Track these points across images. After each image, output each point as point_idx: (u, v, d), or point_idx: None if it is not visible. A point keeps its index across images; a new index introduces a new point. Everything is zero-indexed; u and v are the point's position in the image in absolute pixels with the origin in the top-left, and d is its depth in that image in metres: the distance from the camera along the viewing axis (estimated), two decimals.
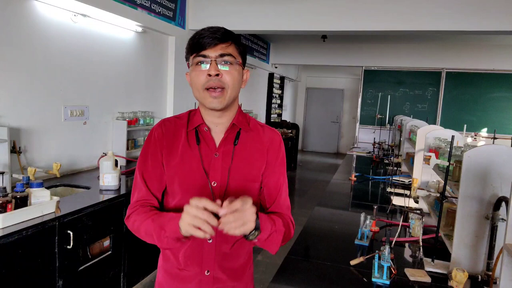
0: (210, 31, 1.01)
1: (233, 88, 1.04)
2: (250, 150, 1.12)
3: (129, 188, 2.75)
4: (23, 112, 2.60)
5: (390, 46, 7.34)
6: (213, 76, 1.00)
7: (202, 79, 1.01)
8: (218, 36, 1.00)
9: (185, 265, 1.10)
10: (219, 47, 1.01)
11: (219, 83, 1.01)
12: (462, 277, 1.36)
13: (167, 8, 3.96)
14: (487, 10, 3.60)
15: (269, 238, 1.03)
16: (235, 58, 1.03)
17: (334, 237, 2.05)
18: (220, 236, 1.07)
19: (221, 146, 1.09)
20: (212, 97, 1.02)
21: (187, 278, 1.11)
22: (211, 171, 1.07)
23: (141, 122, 3.74)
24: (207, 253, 1.09)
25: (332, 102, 11.25)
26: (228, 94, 1.03)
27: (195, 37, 1.02)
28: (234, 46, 1.04)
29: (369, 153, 5.41)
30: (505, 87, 7.06)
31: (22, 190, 1.89)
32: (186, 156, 1.08)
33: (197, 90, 1.04)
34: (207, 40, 1.00)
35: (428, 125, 3.07)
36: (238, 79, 1.05)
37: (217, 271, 1.11)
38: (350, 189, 3.25)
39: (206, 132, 1.10)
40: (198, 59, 1.02)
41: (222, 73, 1.01)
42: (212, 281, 1.11)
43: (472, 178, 1.50)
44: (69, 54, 2.94)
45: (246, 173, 1.09)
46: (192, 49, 1.03)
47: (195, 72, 1.03)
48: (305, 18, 4.15)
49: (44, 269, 1.93)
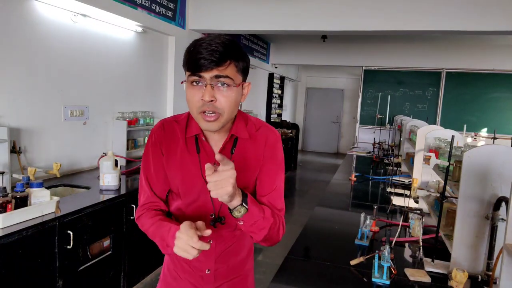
0: (208, 50, 0.94)
1: (229, 112, 1.00)
2: (247, 157, 1.11)
3: (129, 188, 2.76)
4: (23, 112, 2.60)
5: (390, 46, 7.34)
6: (208, 101, 0.95)
7: (196, 101, 0.97)
8: (214, 58, 0.94)
9: (187, 261, 1.13)
10: (216, 70, 0.95)
11: (214, 108, 0.97)
12: (462, 277, 1.36)
13: (167, 8, 3.96)
14: (487, 10, 3.60)
15: (256, 224, 1.01)
16: (233, 79, 0.97)
17: (334, 237, 2.05)
18: (219, 238, 1.12)
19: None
20: (206, 121, 0.98)
21: (190, 273, 1.16)
22: None
23: (141, 122, 3.74)
24: (208, 254, 1.12)
25: (332, 102, 11.25)
26: (224, 118, 1.00)
27: (192, 54, 0.96)
28: (233, 65, 0.98)
29: (369, 153, 5.41)
30: (505, 87, 7.06)
31: (22, 190, 1.89)
32: (186, 162, 1.08)
33: (191, 110, 1.01)
34: (203, 62, 0.94)
35: (428, 125, 3.07)
36: (235, 100, 1.00)
37: (218, 270, 1.16)
38: (350, 189, 3.25)
39: (204, 141, 1.09)
40: (193, 78, 0.97)
41: (217, 98, 0.96)
42: (213, 279, 1.16)
43: (472, 178, 1.50)
44: (69, 54, 2.94)
45: (241, 179, 1.05)
46: (187, 65, 0.99)
47: (189, 90, 0.99)
48: (305, 18, 4.15)
49: (44, 269, 1.93)
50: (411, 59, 7.30)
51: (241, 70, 1.01)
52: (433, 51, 7.12)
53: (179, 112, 1.20)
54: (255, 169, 1.12)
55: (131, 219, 2.61)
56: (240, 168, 1.08)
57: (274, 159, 1.13)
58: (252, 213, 0.99)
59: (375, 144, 5.50)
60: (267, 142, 1.13)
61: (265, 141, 1.13)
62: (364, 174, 3.75)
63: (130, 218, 2.61)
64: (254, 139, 1.13)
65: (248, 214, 0.98)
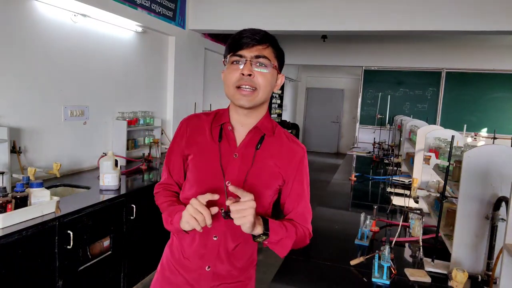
0: (250, 32, 1.04)
1: (264, 90, 1.05)
2: (271, 157, 1.12)
3: (129, 188, 2.76)
4: (23, 112, 2.60)
5: (390, 46, 7.34)
6: (246, 75, 1.02)
7: (234, 77, 1.04)
8: (256, 37, 1.03)
9: (188, 255, 1.14)
10: (256, 49, 1.03)
11: (251, 82, 1.03)
12: (462, 277, 1.36)
13: (167, 8, 3.96)
14: (487, 10, 3.60)
15: (279, 243, 1.06)
16: (270, 61, 1.05)
17: (334, 237, 2.05)
18: (225, 235, 1.11)
19: (241, 148, 1.11)
20: (241, 95, 1.04)
21: (188, 268, 1.14)
22: (228, 171, 1.09)
23: (141, 122, 3.74)
24: (210, 250, 1.11)
25: (332, 102, 11.25)
26: (259, 96, 1.05)
27: (235, 37, 1.05)
28: (271, 49, 1.06)
29: (369, 153, 5.41)
30: (505, 87, 7.05)
31: (22, 190, 1.89)
32: (206, 150, 1.11)
33: (228, 87, 1.06)
34: (245, 40, 1.03)
35: (428, 125, 3.07)
36: (270, 81, 1.07)
37: (218, 269, 1.13)
38: (350, 189, 3.25)
39: (230, 131, 1.12)
40: (234, 58, 1.04)
41: (255, 74, 1.03)
42: (211, 277, 1.13)
43: (472, 178, 1.50)
44: (69, 54, 2.94)
45: (262, 179, 1.11)
46: (230, 47, 1.06)
47: (229, 69, 1.06)
48: (305, 18, 4.15)
49: (44, 269, 1.93)
50: (411, 59, 7.29)
51: (278, 57, 1.09)
52: (433, 51, 7.11)
53: (179, 112, 1.23)
54: (277, 172, 1.14)
55: (131, 219, 2.61)
56: (264, 167, 1.12)
57: (301, 174, 1.18)
58: (276, 233, 1.04)
59: (375, 144, 5.50)
60: (295, 156, 1.16)
61: (293, 154, 1.16)
62: (364, 174, 3.75)
63: (130, 218, 2.61)
64: (282, 143, 1.16)
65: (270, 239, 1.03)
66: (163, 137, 4.18)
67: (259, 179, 1.10)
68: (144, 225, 2.80)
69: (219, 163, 1.08)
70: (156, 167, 3.55)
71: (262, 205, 1.12)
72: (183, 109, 4.50)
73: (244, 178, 1.08)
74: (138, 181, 3.04)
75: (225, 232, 1.11)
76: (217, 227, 1.09)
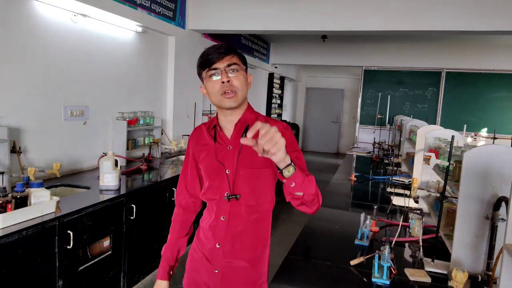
0: (215, 48, 1.22)
1: (242, 90, 1.24)
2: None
3: (129, 188, 2.76)
4: (23, 112, 2.60)
5: (390, 46, 7.34)
6: (226, 82, 1.20)
7: (217, 87, 1.22)
8: (222, 50, 1.21)
9: (206, 234, 1.34)
10: (225, 59, 1.21)
11: (231, 87, 1.21)
12: (462, 277, 1.37)
13: (167, 8, 3.96)
14: (487, 10, 3.60)
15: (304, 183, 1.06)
16: (239, 65, 1.24)
17: (334, 237, 2.05)
18: (231, 215, 1.28)
19: (232, 140, 1.30)
20: (227, 98, 1.22)
21: (204, 244, 1.35)
22: (226, 162, 1.28)
23: (141, 122, 3.74)
24: (219, 229, 1.29)
25: (332, 102, 11.25)
26: (240, 95, 1.24)
27: (203, 56, 1.23)
28: (236, 56, 1.25)
29: (369, 153, 5.41)
30: (505, 87, 7.06)
31: (22, 190, 1.89)
32: (208, 151, 1.33)
33: (214, 96, 1.24)
34: (214, 55, 1.21)
35: (428, 125, 3.07)
36: (245, 82, 1.26)
37: (227, 246, 1.29)
38: (350, 189, 3.25)
39: (220, 130, 1.32)
40: (210, 72, 1.22)
41: (231, 79, 1.21)
42: (222, 254, 1.29)
43: (472, 178, 1.50)
44: (69, 54, 2.94)
45: (251, 161, 1.25)
46: (203, 65, 1.24)
47: (210, 83, 1.23)
48: (305, 18, 4.15)
49: (44, 269, 1.93)
50: (411, 59, 7.30)
51: (243, 62, 1.28)
52: (433, 51, 7.11)
53: (179, 112, 1.29)
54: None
55: (131, 219, 2.61)
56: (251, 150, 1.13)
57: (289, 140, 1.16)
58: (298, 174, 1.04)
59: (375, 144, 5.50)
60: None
61: None
62: (364, 174, 3.75)
63: (130, 218, 2.61)
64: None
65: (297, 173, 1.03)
66: (163, 137, 4.18)
67: (248, 162, 1.26)
68: (144, 225, 2.80)
69: (216, 158, 1.29)
70: (156, 167, 3.55)
71: (264, 184, 1.28)
72: (183, 109, 4.50)
73: (236, 164, 1.27)
74: (138, 181, 3.04)
75: (230, 213, 1.28)
76: (224, 209, 1.28)
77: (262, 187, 1.29)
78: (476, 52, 6.92)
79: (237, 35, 6.08)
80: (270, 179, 1.30)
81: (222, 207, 1.28)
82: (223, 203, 1.28)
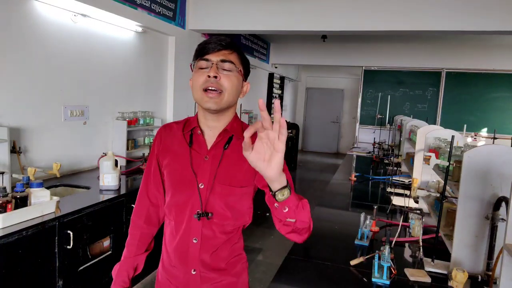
0: (217, 38, 1.07)
1: (230, 93, 1.06)
2: (240, 155, 1.01)
3: (129, 188, 2.76)
4: (23, 112, 2.60)
5: (390, 46, 7.34)
6: (212, 77, 1.03)
7: (201, 79, 1.04)
8: (222, 43, 1.06)
9: (175, 262, 1.14)
10: (222, 53, 1.06)
11: (217, 85, 1.03)
12: (462, 277, 1.36)
13: (167, 8, 3.96)
14: (487, 10, 3.60)
15: (298, 207, 0.92)
16: (235, 65, 1.07)
17: (334, 237, 2.05)
18: (205, 237, 1.10)
19: (212, 150, 1.11)
20: (208, 97, 1.04)
21: (177, 275, 1.14)
22: (199, 173, 1.09)
23: (141, 122, 3.74)
24: (192, 253, 1.11)
25: (332, 102, 11.25)
26: (225, 98, 1.05)
27: (202, 44, 1.08)
28: (236, 54, 1.09)
29: (369, 153, 5.41)
30: (505, 87, 7.06)
31: (22, 190, 1.89)
32: (178, 156, 1.13)
33: (195, 90, 1.07)
34: (212, 45, 1.06)
35: (428, 125, 3.07)
36: (236, 85, 1.07)
37: (204, 271, 1.11)
38: (350, 189, 3.25)
39: (199, 135, 1.13)
40: (201, 63, 1.06)
41: (221, 76, 1.04)
42: (199, 280, 1.12)
43: (472, 178, 1.50)
44: (69, 54, 2.94)
45: (231, 177, 1.09)
46: (197, 54, 1.09)
47: (196, 74, 1.07)
48: (305, 18, 4.15)
49: (44, 269, 1.93)
50: (411, 59, 7.29)
51: (243, 64, 1.11)
52: (433, 51, 7.11)
53: (179, 112, 1.23)
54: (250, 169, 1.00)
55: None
56: (232, 166, 1.10)
57: None
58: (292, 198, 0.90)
59: (375, 144, 5.51)
60: None
61: None
62: (364, 174, 3.74)
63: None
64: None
65: (291, 197, 0.89)
66: None
67: (228, 178, 1.09)
68: None
69: (190, 166, 1.09)
70: None
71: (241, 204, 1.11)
72: (183, 109, 4.50)
73: (213, 178, 1.08)
74: (138, 181, 3.04)
75: (203, 234, 1.10)
76: (195, 229, 1.09)
77: (239, 207, 1.11)
78: (476, 52, 6.91)
79: (237, 35, 6.08)
80: (250, 198, 1.14)
81: (193, 227, 1.08)
82: (194, 223, 1.08)
